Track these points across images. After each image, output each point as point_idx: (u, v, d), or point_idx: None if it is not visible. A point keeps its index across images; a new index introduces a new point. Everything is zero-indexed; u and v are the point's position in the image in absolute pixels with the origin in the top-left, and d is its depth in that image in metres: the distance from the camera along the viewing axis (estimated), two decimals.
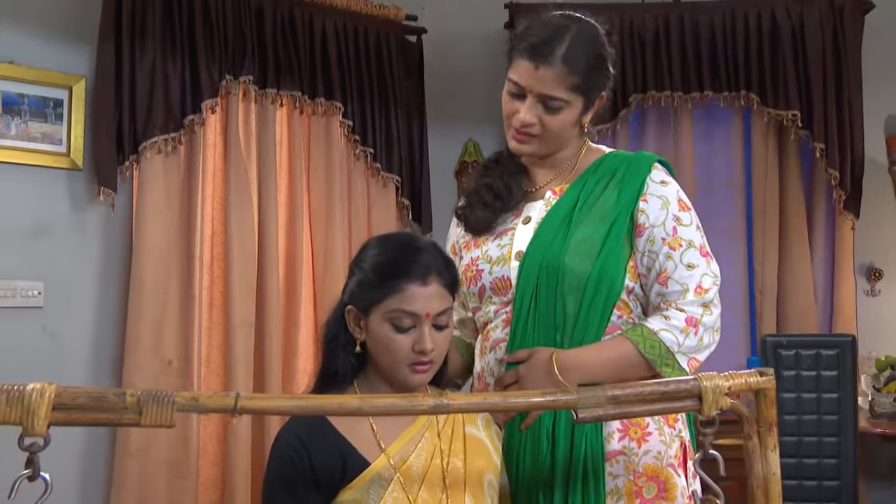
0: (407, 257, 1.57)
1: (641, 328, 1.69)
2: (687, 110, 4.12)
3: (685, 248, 1.71)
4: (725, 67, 3.98)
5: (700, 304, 1.68)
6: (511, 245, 1.80)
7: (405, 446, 1.54)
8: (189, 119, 3.44)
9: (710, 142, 4.26)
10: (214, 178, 3.62)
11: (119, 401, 0.94)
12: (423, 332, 1.53)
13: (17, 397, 0.91)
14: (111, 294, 3.42)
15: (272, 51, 3.67)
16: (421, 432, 1.56)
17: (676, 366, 1.67)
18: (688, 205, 1.77)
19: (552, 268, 1.72)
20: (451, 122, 4.33)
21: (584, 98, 1.75)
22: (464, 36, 4.31)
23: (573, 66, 1.71)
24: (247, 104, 3.66)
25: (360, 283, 1.59)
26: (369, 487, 1.49)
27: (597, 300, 1.71)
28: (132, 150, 3.35)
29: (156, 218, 3.38)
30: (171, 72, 3.41)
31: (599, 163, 1.83)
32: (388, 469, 1.50)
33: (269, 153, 3.67)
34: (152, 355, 3.35)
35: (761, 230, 3.99)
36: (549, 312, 1.72)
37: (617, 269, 1.72)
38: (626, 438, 1.68)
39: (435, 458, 1.55)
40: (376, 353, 1.57)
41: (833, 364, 3.02)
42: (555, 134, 1.77)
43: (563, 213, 1.77)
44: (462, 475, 1.56)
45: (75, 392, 0.93)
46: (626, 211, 1.74)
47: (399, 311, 1.53)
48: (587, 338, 1.71)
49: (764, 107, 3.96)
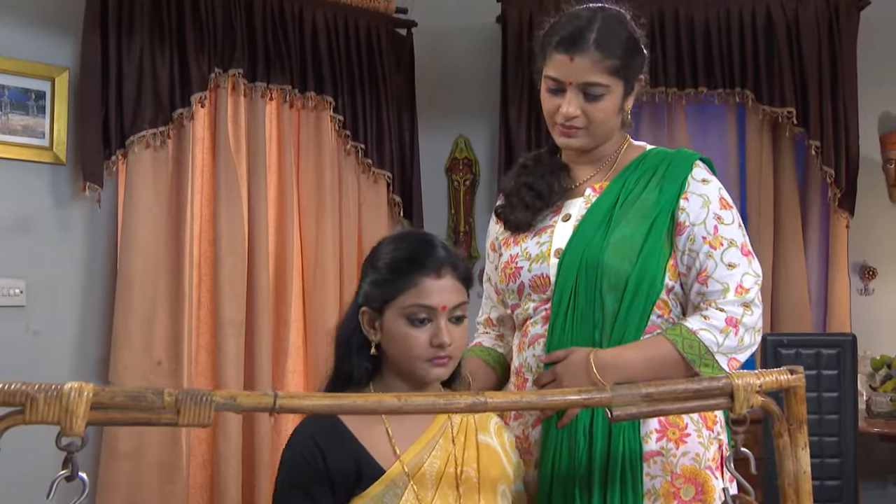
0: (420, 252, 1.59)
1: (680, 327, 1.70)
2: (681, 107, 4.15)
3: (726, 246, 1.72)
4: (720, 64, 4.00)
5: (741, 304, 1.69)
6: (550, 242, 1.81)
7: (419, 453, 1.55)
8: (178, 113, 3.42)
9: (705, 139, 4.29)
10: (203, 174, 3.61)
11: (157, 400, 0.94)
12: (440, 326, 1.55)
13: (55, 396, 0.90)
14: (97, 293, 3.39)
15: (262, 44, 3.66)
16: (436, 439, 1.57)
17: (716, 366, 1.68)
18: (729, 203, 1.78)
19: (591, 266, 1.73)
20: (441, 117, 4.33)
21: (624, 81, 1.76)
22: (455, 30, 4.31)
23: (607, 49, 1.73)
24: (236, 98, 3.65)
25: (374, 282, 1.60)
26: (384, 496, 1.49)
27: (637, 299, 1.72)
28: (119, 144, 3.33)
29: (143, 214, 3.36)
30: (159, 64, 3.39)
31: (641, 159, 1.84)
32: (403, 476, 1.51)
33: (259, 148, 3.66)
34: (141, 355, 3.33)
35: (755, 228, 4.02)
36: (588, 310, 1.73)
37: (658, 268, 1.73)
38: (665, 439, 1.69)
39: (449, 465, 1.56)
40: (393, 352, 1.58)
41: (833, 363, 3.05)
42: (600, 122, 1.78)
43: (603, 211, 1.78)
44: (475, 484, 1.57)
45: (113, 391, 0.93)
46: (667, 209, 1.75)
47: (415, 305, 1.54)
48: (627, 337, 1.72)
49: (758, 104, 3.98)
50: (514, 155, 4.07)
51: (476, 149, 4.41)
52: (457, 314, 1.58)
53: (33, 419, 0.90)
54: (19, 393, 0.90)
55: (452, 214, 4.36)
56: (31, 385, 0.90)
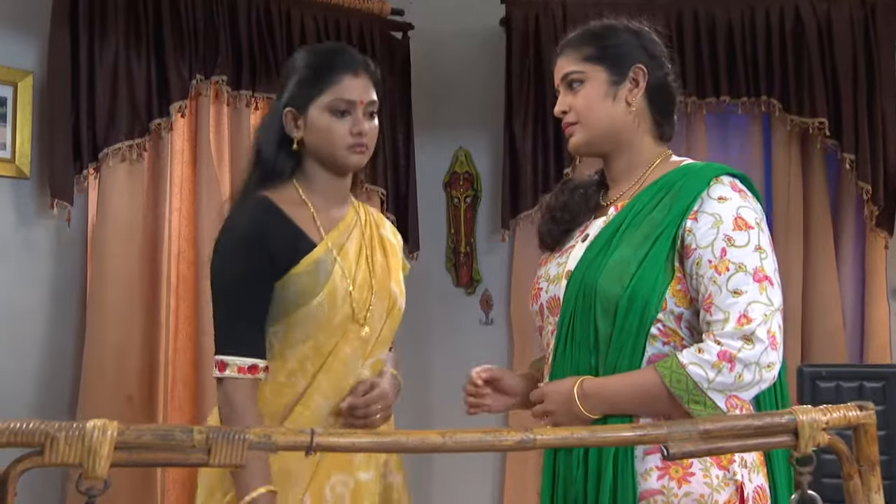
0: (338, 54, 2.04)
1: (672, 359, 1.73)
2: (701, 117, 4.17)
3: (733, 271, 1.74)
4: (744, 70, 4.03)
5: (740, 337, 1.70)
6: (566, 263, 1.92)
7: (340, 235, 2.02)
8: (156, 123, 3.43)
9: (726, 151, 4.32)
10: (182, 190, 3.62)
11: (186, 439, 0.94)
12: (359, 117, 1.98)
13: (77, 436, 0.90)
14: (64, 322, 3.38)
15: (247, 48, 3.68)
16: (350, 227, 2.05)
17: (709, 403, 1.70)
18: (748, 223, 1.78)
19: (588, 289, 1.81)
20: (440, 128, 4.35)
21: (605, 68, 1.91)
22: (455, 33, 4.34)
23: (582, 40, 1.96)
24: (218, 107, 3.67)
25: (298, 83, 2.01)
26: (317, 267, 1.94)
27: (628, 324, 1.76)
28: (91, 156, 3.33)
29: (117, 234, 3.36)
30: (135, 69, 3.41)
31: (665, 176, 1.89)
32: (330, 252, 1.97)
33: (243, 161, 3.63)
34: (113, 391, 3.32)
35: (783, 249, 4.03)
36: (584, 335, 1.82)
37: (652, 291, 1.76)
38: (666, 477, 1.72)
39: (363, 249, 2.04)
40: (316, 145, 2.00)
41: (879, 398, 3.06)
42: (586, 110, 1.92)
43: (609, 232, 1.86)
44: (385, 266, 2.09)
45: (139, 430, 0.93)
46: (671, 230, 1.80)
47: (337, 99, 1.97)
48: (621, 363, 1.78)
49: (786, 114, 4.01)
50: (520, 169, 4.10)
51: (478, 162, 4.43)
52: (371, 110, 2.01)
53: (53, 461, 0.90)
54: (38, 432, 0.90)
55: (452, 234, 4.37)
56: (51, 424, 0.90)
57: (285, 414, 1.95)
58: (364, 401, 1.97)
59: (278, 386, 1.96)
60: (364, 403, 1.97)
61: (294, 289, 1.93)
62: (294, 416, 1.94)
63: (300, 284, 1.93)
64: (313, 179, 2.05)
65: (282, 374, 1.96)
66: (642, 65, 1.91)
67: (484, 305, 4.35)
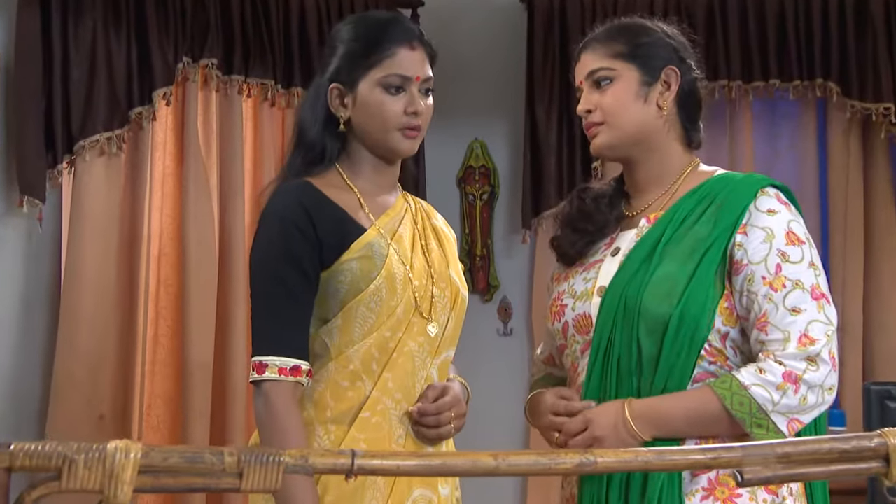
0: (392, 23, 2.02)
1: (731, 380, 1.78)
2: (746, 103, 4.18)
3: (790, 288, 1.80)
4: (797, 50, 4.04)
5: (804, 358, 1.76)
6: (596, 279, 1.97)
7: (391, 221, 2.01)
8: (137, 112, 3.45)
9: (775, 142, 4.33)
10: (164, 185, 3.63)
11: (217, 462, 0.95)
12: (414, 95, 1.97)
13: (98, 458, 0.91)
14: (34, 331, 3.41)
15: (239, 28, 3.70)
16: (400, 214, 2.04)
17: (772, 427, 1.75)
18: (801, 238, 1.86)
19: (630, 307, 1.86)
20: (453, 117, 4.34)
21: (637, 67, 1.97)
22: (470, 9, 4.35)
23: (612, 36, 2.01)
24: (207, 93, 3.69)
25: (345, 56, 1.99)
26: (370, 253, 1.93)
27: (678, 345, 1.82)
28: (66, 149, 3.35)
29: (94, 235, 3.38)
30: (114, 52, 3.43)
31: (701, 186, 1.96)
32: (381, 238, 1.96)
33: (235, 154, 3.69)
34: (86, 407, 3.34)
35: (840, 253, 4.04)
36: (626, 356, 1.86)
37: (702, 311, 1.82)
38: (711, 498, 1.78)
39: (417, 236, 2.05)
40: (365, 125, 1.99)
41: None
42: (614, 111, 1.96)
43: (649, 245, 1.92)
44: (441, 255, 2.08)
45: (165, 451, 0.94)
46: (720, 244, 1.86)
47: (392, 74, 1.96)
48: (669, 385, 1.83)
49: (846, 98, 4.01)
50: (543, 162, 4.11)
51: (495, 155, 4.44)
52: (427, 87, 2.00)
53: (71, 486, 0.91)
54: (55, 455, 0.90)
55: (467, 235, 4.38)
56: (69, 445, 0.91)
57: (350, 421, 1.92)
58: (436, 407, 1.95)
59: (340, 390, 1.93)
60: (436, 410, 1.95)
61: (347, 277, 1.92)
62: (360, 423, 1.92)
63: (355, 271, 1.92)
64: (359, 163, 2.04)
65: (343, 376, 1.93)
66: (675, 67, 1.99)
67: (502, 314, 4.36)
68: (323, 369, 1.93)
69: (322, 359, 1.94)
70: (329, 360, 1.94)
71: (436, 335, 2.01)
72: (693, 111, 2.03)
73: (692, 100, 2.03)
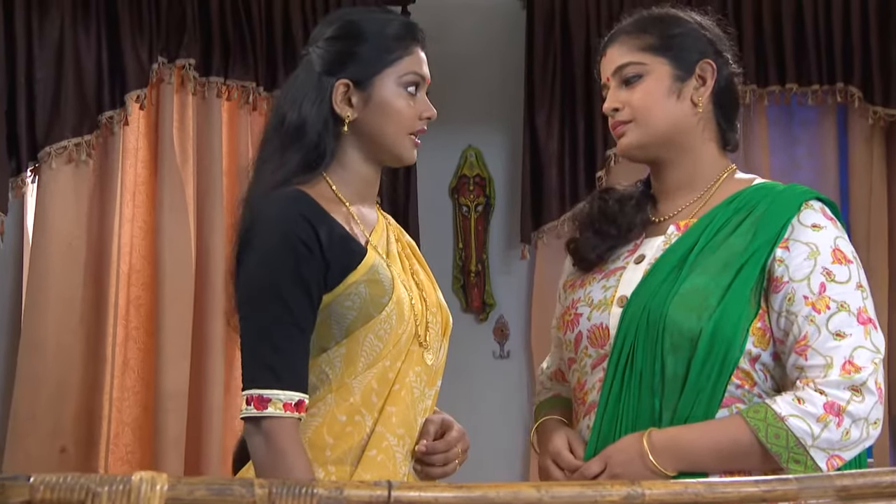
0: (406, 21, 2.04)
1: (766, 410, 1.76)
2: (761, 109, 4.21)
3: (834, 310, 1.78)
4: (815, 52, 4.07)
5: (848, 387, 1.74)
6: (616, 288, 1.94)
7: (381, 237, 1.98)
8: (107, 116, 3.45)
9: (792, 151, 4.36)
10: (136, 196, 3.63)
11: (246, 494, 0.96)
12: (426, 99, 1.98)
13: (122, 491, 0.92)
14: None
15: (218, 27, 3.72)
16: (385, 231, 2.01)
17: (810, 464, 1.73)
18: (848, 257, 1.86)
19: (654, 320, 1.83)
20: (446, 123, 4.30)
21: (669, 60, 1.96)
22: (465, 8, 4.37)
23: (641, 28, 2.00)
24: (183, 96, 3.70)
25: (360, 50, 1.94)
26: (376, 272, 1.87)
27: (709, 366, 1.79)
28: (30, 156, 3.35)
29: (59, 250, 3.38)
30: (83, 51, 3.44)
31: (739, 195, 1.93)
32: (377, 255, 1.92)
33: (213, 161, 3.70)
34: (49, 439, 3.33)
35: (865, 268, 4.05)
36: (648, 373, 1.83)
37: (736, 329, 1.80)
38: None
39: (402, 256, 2.03)
40: (377, 126, 1.93)
41: None
42: (644, 108, 1.95)
43: (679, 254, 1.90)
44: (426, 276, 2.07)
45: (191, 483, 0.95)
46: (758, 259, 1.84)
47: (412, 72, 1.94)
48: (696, 412, 1.80)
49: (868, 104, 4.05)
50: (543, 171, 4.12)
51: (491, 164, 4.45)
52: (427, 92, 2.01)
53: None
54: (78, 487, 0.91)
55: (460, 249, 4.38)
56: (92, 477, 0.92)
57: (353, 460, 1.87)
58: (445, 443, 1.94)
59: (338, 426, 1.87)
60: (445, 447, 1.94)
61: (356, 301, 1.86)
62: (366, 462, 1.86)
63: (363, 295, 1.86)
64: (349, 171, 1.97)
65: (342, 409, 1.88)
66: (710, 60, 1.97)
67: (498, 335, 4.36)
68: (321, 402, 1.87)
69: (319, 391, 1.88)
70: (328, 391, 1.88)
71: (432, 364, 1.99)
72: (730, 109, 2.02)
73: (729, 96, 2.01)
